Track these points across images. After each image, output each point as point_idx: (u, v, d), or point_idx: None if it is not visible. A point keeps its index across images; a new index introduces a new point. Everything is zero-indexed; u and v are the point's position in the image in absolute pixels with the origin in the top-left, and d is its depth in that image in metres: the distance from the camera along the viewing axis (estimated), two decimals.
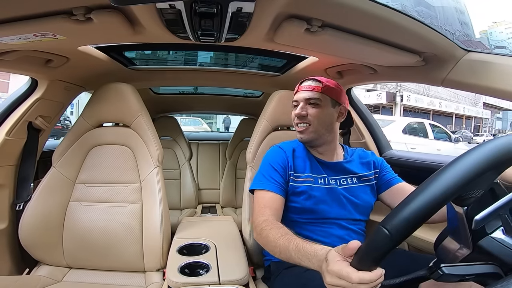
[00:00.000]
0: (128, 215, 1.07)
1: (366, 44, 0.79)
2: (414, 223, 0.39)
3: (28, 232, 1.02)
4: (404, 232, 0.39)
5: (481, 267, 0.40)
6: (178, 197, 2.14)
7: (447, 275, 0.40)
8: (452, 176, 0.39)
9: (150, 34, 0.82)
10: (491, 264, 0.40)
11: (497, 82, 0.73)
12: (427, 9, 2.38)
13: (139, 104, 1.14)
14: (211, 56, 1.52)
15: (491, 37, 44.66)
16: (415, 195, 0.41)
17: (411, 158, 1.31)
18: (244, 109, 2.45)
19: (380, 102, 16.04)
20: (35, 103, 1.12)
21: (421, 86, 16.57)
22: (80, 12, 0.65)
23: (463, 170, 0.39)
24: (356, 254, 0.47)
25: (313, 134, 0.95)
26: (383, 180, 1.00)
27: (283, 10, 0.68)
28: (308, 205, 0.92)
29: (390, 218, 0.41)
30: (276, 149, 1.00)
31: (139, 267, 1.06)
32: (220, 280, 0.81)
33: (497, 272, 0.39)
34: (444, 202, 0.39)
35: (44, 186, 1.06)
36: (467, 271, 0.40)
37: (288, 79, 1.49)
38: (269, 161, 0.97)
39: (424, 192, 0.39)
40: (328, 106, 0.95)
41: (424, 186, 0.40)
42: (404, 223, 0.39)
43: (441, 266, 0.40)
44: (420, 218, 0.39)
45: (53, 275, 1.02)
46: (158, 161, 1.11)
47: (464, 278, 0.40)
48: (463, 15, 3.47)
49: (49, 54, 0.96)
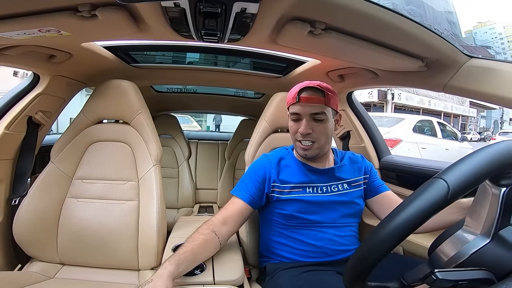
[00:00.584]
0: (124, 212, 1.07)
1: (369, 48, 0.80)
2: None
3: (23, 228, 1.01)
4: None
5: (474, 272, 0.40)
6: (175, 196, 2.13)
7: (441, 280, 0.39)
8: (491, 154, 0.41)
9: (154, 32, 0.83)
10: (485, 270, 0.40)
11: (500, 89, 0.73)
12: (417, 8, 2.39)
13: (140, 102, 1.13)
14: (213, 56, 1.52)
15: (476, 37, 44.89)
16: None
17: (409, 164, 1.32)
18: (245, 110, 2.45)
19: (372, 100, 16.04)
20: (36, 97, 1.12)
21: None
22: (85, 8, 0.65)
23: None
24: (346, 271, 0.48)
25: (317, 150, 0.94)
26: (371, 187, 1.01)
27: (287, 12, 0.68)
28: (296, 213, 0.92)
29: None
30: (261, 160, 1.01)
31: (133, 265, 1.05)
32: (215, 280, 0.80)
33: (490, 278, 0.39)
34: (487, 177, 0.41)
35: (41, 181, 1.05)
36: (460, 277, 0.40)
37: (289, 81, 1.49)
38: (250, 170, 1.00)
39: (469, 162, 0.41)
40: (331, 118, 0.94)
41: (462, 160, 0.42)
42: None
43: (434, 271, 0.40)
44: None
45: (45, 271, 1.01)
46: (157, 159, 1.11)
47: (458, 284, 0.40)
48: (451, 15, 3.49)
49: (53, 50, 0.96)
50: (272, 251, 0.98)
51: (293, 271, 0.88)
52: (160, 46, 1.35)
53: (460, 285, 0.40)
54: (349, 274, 0.47)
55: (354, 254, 0.48)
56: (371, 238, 0.45)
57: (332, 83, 1.31)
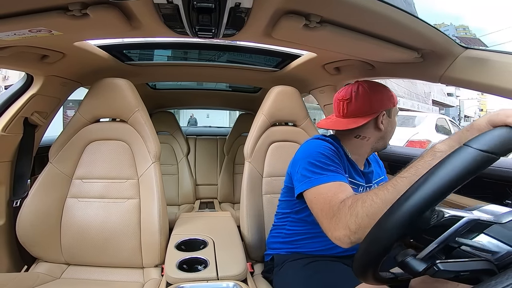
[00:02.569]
0: (125, 211, 1.07)
1: (364, 40, 0.79)
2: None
3: (26, 229, 1.02)
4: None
5: (476, 263, 0.40)
6: (176, 192, 2.14)
7: (442, 271, 0.39)
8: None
9: (147, 29, 0.81)
10: (486, 260, 0.40)
11: (495, 79, 0.73)
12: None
13: (136, 99, 1.13)
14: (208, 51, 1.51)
15: None
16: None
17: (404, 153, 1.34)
18: (242, 104, 2.44)
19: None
20: (31, 98, 1.11)
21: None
22: (76, 7, 0.64)
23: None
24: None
25: None
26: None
27: (282, 6, 0.67)
28: None
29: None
30: (327, 145, 0.84)
31: (137, 263, 1.06)
32: (218, 276, 0.82)
33: (491, 268, 0.39)
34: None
35: (40, 182, 1.06)
36: (462, 267, 0.40)
37: (286, 75, 1.49)
38: (324, 153, 0.81)
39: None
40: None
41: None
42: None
43: (436, 262, 0.40)
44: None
45: (51, 272, 1.02)
46: (156, 156, 1.11)
47: (459, 274, 0.40)
48: (410, 7, 3.33)
49: (45, 50, 0.94)
50: (285, 241, 0.96)
51: (303, 261, 0.89)
52: (154, 43, 1.33)
53: (461, 276, 0.41)
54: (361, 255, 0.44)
55: (367, 235, 0.44)
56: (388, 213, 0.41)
57: (328, 76, 1.31)
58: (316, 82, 1.49)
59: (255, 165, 1.23)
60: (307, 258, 0.90)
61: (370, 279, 0.45)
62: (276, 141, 1.27)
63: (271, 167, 1.24)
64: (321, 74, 1.32)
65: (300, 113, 1.29)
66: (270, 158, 1.25)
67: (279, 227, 1.01)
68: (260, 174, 1.23)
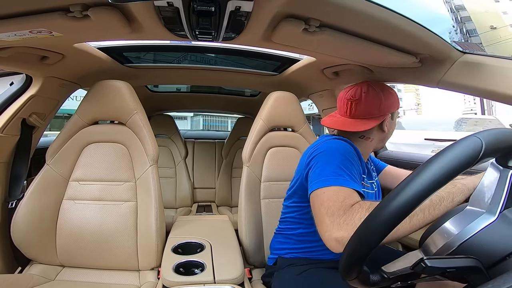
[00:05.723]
0: (122, 213, 1.07)
1: (363, 45, 0.80)
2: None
3: (21, 231, 1.00)
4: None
5: (462, 260, 0.40)
6: (173, 195, 2.13)
7: (430, 268, 0.39)
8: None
9: (147, 32, 0.82)
10: (473, 258, 0.40)
11: (492, 84, 0.74)
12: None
13: (135, 102, 1.13)
14: (207, 55, 1.52)
15: None
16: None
17: (405, 158, 1.34)
18: (241, 108, 2.45)
19: (312, 112, 15.44)
20: (29, 99, 1.10)
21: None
22: (77, 9, 0.64)
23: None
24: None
25: None
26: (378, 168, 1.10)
27: (282, 10, 0.68)
28: None
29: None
30: (348, 147, 0.82)
31: (133, 266, 1.05)
32: (215, 279, 0.81)
33: (478, 266, 0.40)
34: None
35: (37, 183, 1.05)
36: (448, 264, 0.40)
37: (285, 79, 1.49)
38: (345, 155, 0.78)
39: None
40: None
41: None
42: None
43: (424, 259, 0.40)
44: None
45: (46, 273, 1.01)
46: (154, 159, 1.10)
47: (446, 271, 0.40)
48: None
49: (44, 51, 0.94)
50: (294, 248, 0.94)
51: (302, 268, 0.88)
52: (154, 46, 1.34)
53: (448, 273, 0.41)
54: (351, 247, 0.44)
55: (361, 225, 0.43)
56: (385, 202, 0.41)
57: (327, 80, 1.32)
58: (315, 87, 1.50)
59: (254, 169, 1.22)
60: (308, 264, 0.89)
61: (355, 281, 0.46)
62: (275, 146, 1.27)
63: (269, 172, 1.24)
64: (320, 79, 1.32)
65: (298, 118, 1.30)
66: (268, 163, 1.25)
67: (283, 230, 0.98)
68: (259, 178, 1.23)
